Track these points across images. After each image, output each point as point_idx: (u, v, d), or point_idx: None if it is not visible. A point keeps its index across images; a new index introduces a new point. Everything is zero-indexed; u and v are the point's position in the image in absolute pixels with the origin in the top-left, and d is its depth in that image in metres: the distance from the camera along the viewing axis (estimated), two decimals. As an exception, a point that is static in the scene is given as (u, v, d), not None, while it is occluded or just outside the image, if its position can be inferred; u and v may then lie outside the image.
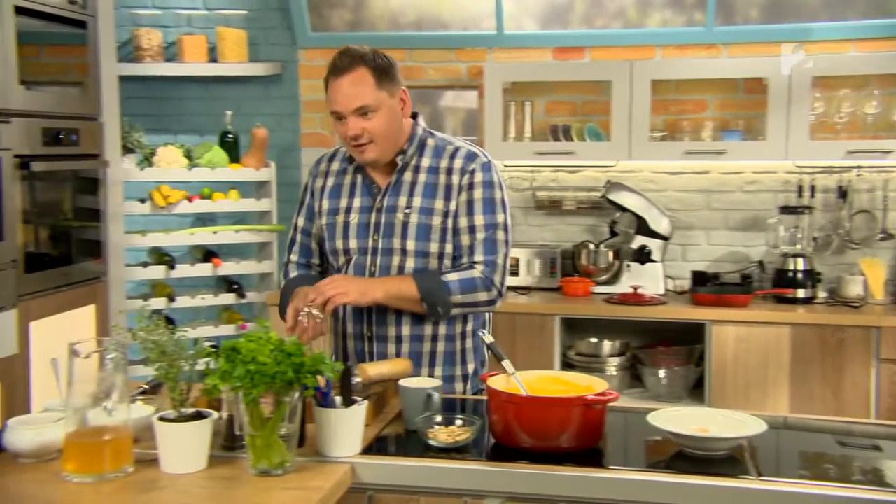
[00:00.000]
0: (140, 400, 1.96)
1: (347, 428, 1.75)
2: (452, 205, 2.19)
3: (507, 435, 1.81)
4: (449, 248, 2.21)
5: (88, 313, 3.50)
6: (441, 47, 4.29)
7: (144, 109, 4.45)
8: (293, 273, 2.37)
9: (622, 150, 3.92)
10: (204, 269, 4.06)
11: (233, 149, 4.15)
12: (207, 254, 4.10)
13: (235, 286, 4.16)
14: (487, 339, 2.04)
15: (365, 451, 1.78)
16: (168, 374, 1.69)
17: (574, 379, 1.96)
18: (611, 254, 4.04)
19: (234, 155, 4.14)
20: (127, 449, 1.67)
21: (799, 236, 3.88)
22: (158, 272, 3.98)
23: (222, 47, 4.26)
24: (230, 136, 4.18)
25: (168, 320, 3.86)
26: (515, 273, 4.06)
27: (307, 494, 1.58)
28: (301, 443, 1.77)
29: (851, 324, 3.52)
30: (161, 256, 4.03)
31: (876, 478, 1.74)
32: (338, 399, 1.78)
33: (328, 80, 2.14)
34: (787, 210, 3.89)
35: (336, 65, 2.12)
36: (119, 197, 3.78)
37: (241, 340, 1.64)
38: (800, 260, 3.82)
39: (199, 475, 1.66)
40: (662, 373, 3.75)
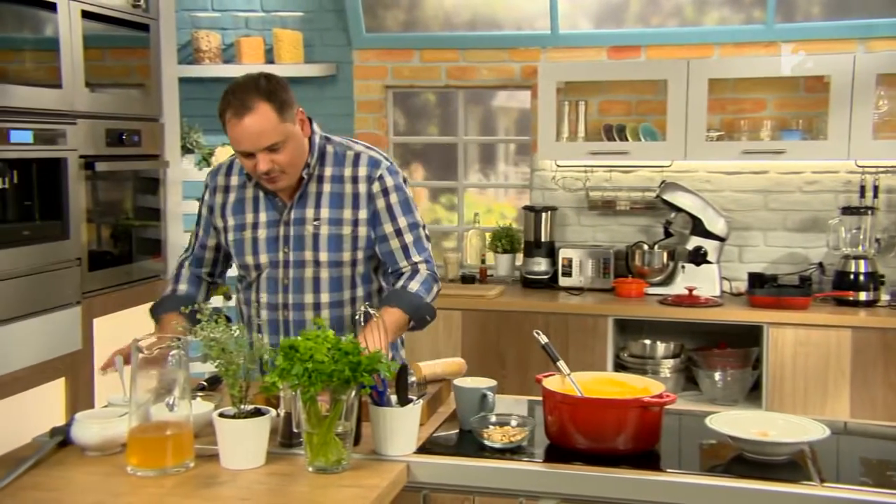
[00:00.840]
0: (200, 396, 2.00)
1: (403, 427, 1.77)
2: (362, 213, 2.20)
3: (563, 436, 1.80)
4: (360, 255, 2.23)
5: (148, 311, 3.57)
6: (494, 47, 4.28)
7: (203, 110, 4.51)
8: (182, 282, 2.37)
9: (678, 150, 3.88)
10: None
11: (288, 149, 4.19)
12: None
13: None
14: (542, 340, 2.03)
15: (420, 451, 1.80)
16: (228, 371, 1.72)
17: (630, 381, 1.95)
18: (665, 255, 4.00)
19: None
20: (188, 444, 1.70)
21: (861, 238, 3.78)
22: (215, 270, 4.04)
23: (278, 48, 4.31)
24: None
25: (225, 318, 3.91)
26: (568, 273, 4.04)
27: (363, 492, 1.59)
28: (357, 441, 1.78)
29: (916, 328, 3.43)
30: (218, 255, 4.09)
31: (943, 486, 1.69)
32: (393, 398, 1.79)
33: (226, 119, 2.07)
34: (849, 211, 3.80)
35: (232, 104, 2.05)
36: (178, 196, 3.86)
37: (300, 339, 1.66)
38: (861, 262, 3.73)
39: (258, 471, 1.69)
40: (718, 375, 3.69)
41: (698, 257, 3.92)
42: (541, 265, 4.12)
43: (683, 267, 3.96)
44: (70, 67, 3.05)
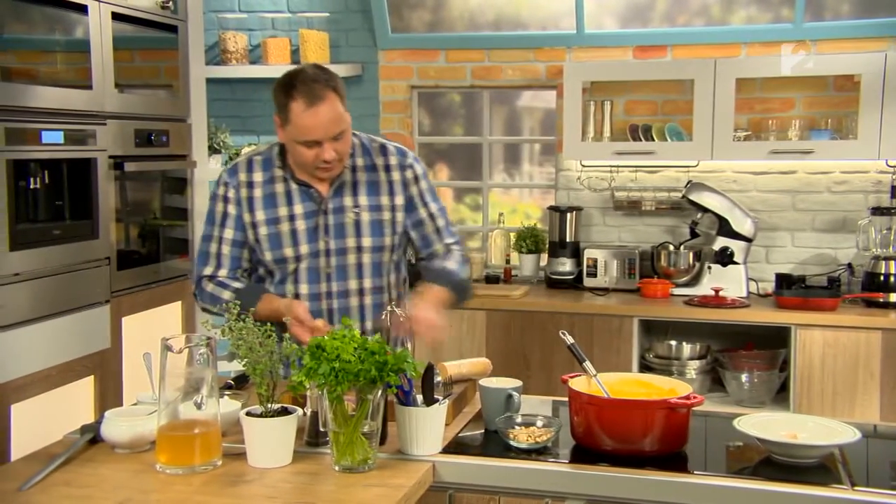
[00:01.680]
0: (227, 395, 2.02)
1: (429, 427, 1.77)
2: (398, 199, 2.30)
3: (589, 437, 1.80)
4: (396, 241, 2.32)
5: (175, 309, 3.61)
6: (520, 47, 4.28)
7: (229, 111, 4.56)
8: (229, 286, 2.27)
9: (704, 150, 3.85)
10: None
11: (314, 149, 4.21)
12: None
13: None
14: (568, 341, 2.03)
15: (445, 451, 1.80)
16: (256, 370, 1.73)
17: (656, 381, 1.94)
18: (691, 255, 3.97)
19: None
20: (216, 442, 1.72)
21: (892, 238, 3.73)
22: (242, 270, 4.07)
23: (305, 49, 4.33)
24: (311, 137, 4.25)
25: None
26: (593, 274, 4.03)
27: (390, 492, 1.60)
28: (383, 441, 1.79)
29: (947, 330, 3.39)
30: (244, 254, 4.12)
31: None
32: (419, 398, 1.79)
33: (293, 109, 2.09)
34: (880, 211, 3.75)
35: (302, 93, 2.09)
36: (205, 196, 3.88)
37: (326, 338, 1.67)
38: (892, 263, 3.68)
39: (285, 470, 1.70)
40: (745, 377, 3.66)
41: (725, 258, 3.89)
42: (566, 265, 4.11)
43: (710, 268, 3.93)
44: (100, 69, 3.09)
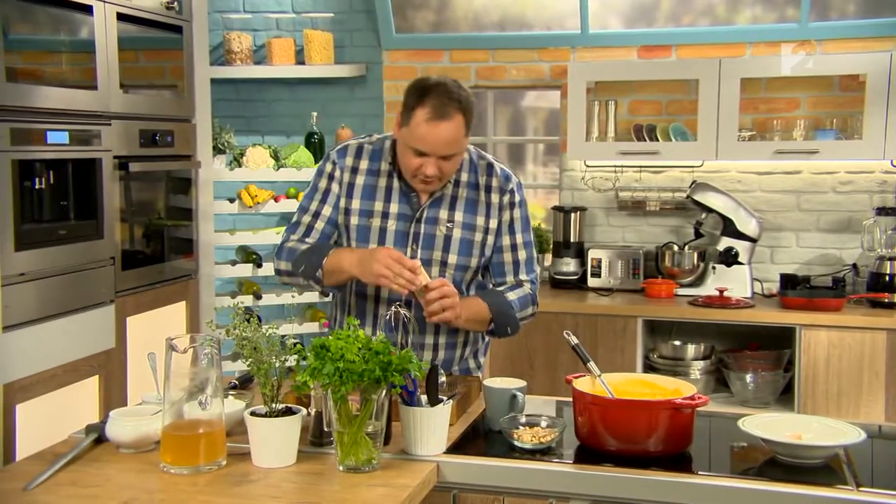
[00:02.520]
0: (231, 395, 2.02)
1: (433, 427, 1.77)
2: (493, 223, 2.23)
3: (593, 437, 1.79)
4: (482, 262, 2.25)
5: (180, 309, 3.62)
6: (524, 47, 4.27)
7: (234, 111, 4.57)
8: (304, 245, 2.21)
9: (709, 150, 3.84)
10: (290, 268, 4.13)
11: (318, 149, 4.22)
12: (293, 252, 4.18)
13: (319, 284, 4.23)
14: (572, 341, 2.03)
15: (449, 451, 1.80)
16: (260, 370, 1.73)
17: (660, 382, 1.94)
18: (695, 255, 3.96)
19: (320, 155, 4.21)
20: (221, 442, 1.72)
21: (896, 239, 3.73)
22: (246, 270, 4.08)
23: (309, 49, 4.34)
24: (316, 137, 4.25)
25: (257, 318, 3.94)
26: (597, 274, 4.02)
27: (394, 492, 1.60)
28: (387, 441, 1.79)
29: (953, 330, 3.38)
30: (248, 255, 4.13)
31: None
32: (424, 398, 1.79)
33: (417, 115, 2.04)
34: (885, 211, 3.74)
35: (432, 104, 2.03)
36: (209, 196, 3.89)
37: (331, 338, 1.67)
38: (897, 263, 3.68)
39: (289, 470, 1.70)
40: (749, 377, 3.66)
41: (729, 258, 3.88)
42: (570, 266, 4.11)
43: (714, 268, 3.92)
44: (105, 69, 3.09)
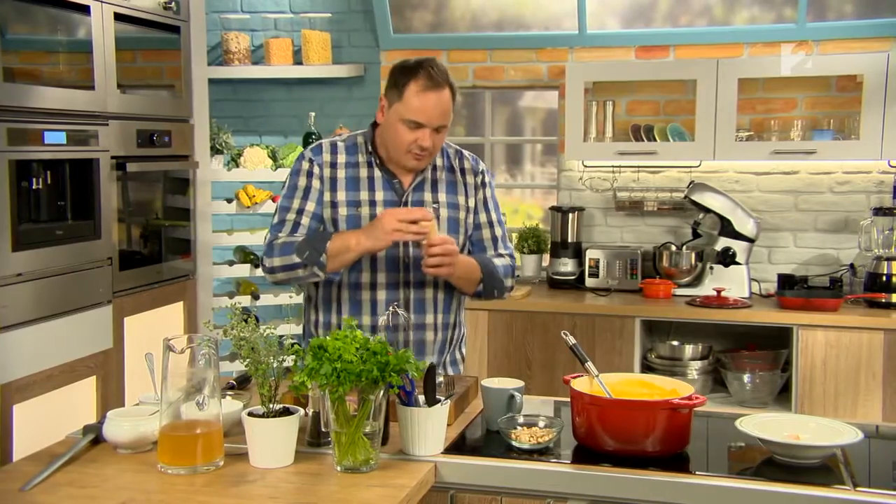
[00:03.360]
0: (229, 395, 2.02)
1: (431, 427, 1.77)
2: (471, 202, 2.38)
3: (591, 437, 1.80)
4: (465, 241, 2.37)
5: (177, 310, 3.61)
6: (522, 47, 4.27)
7: (232, 111, 4.56)
8: (296, 237, 2.22)
9: (706, 151, 3.85)
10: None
11: (316, 150, 4.22)
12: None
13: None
14: (570, 341, 2.03)
15: (447, 451, 1.80)
16: (258, 371, 1.73)
17: (658, 382, 1.94)
18: (693, 256, 3.97)
19: (318, 155, 4.21)
20: (218, 443, 1.72)
21: (894, 238, 3.73)
22: (243, 270, 4.08)
23: (307, 50, 4.33)
24: (314, 138, 4.24)
25: (255, 318, 3.94)
26: (595, 274, 4.02)
27: (392, 492, 1.60)
28: (385, 441, 1.79)
29: (950, 330, 3.38)
30: (246, 255, 4.13)
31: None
32: (421, 398, 1.79)
33: (410, 87, 2.18)
34: (882, 211, 3.75)
35: (426, 75, 2.18)
36: (207, 197, 3.88)
37: (328, 338, 1.67)
38: (894, 263, 3.67)
39: (287, 470, 1.70)
40: (747, 377, 3.66)
41: (727, 258, 3.89)
42: (567, 266, 4.11)
43: (712, 268, 3.93)
44: (102, 69, 3.09)
